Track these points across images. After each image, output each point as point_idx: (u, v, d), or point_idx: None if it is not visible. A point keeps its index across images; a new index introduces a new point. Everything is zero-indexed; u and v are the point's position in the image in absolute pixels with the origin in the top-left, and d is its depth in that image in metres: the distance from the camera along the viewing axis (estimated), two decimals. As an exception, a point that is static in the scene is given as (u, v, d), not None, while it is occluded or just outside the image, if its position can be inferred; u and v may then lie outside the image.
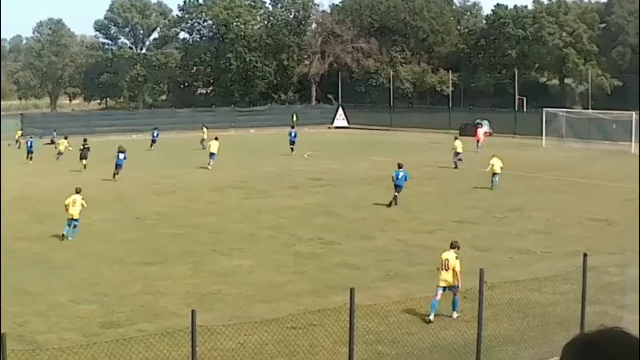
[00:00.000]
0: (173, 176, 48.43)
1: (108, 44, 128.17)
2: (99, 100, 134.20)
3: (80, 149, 54.31)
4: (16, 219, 33.70)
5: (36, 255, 27.20)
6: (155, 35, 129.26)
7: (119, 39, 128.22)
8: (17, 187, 43.23)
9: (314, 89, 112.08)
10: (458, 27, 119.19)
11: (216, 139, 56.53)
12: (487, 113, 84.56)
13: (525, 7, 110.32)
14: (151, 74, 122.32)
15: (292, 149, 62.16)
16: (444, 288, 19.63)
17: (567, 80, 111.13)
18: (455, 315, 19.73)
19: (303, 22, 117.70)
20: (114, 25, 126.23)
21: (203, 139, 66.37)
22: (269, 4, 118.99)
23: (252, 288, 22.77)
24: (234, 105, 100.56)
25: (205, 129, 68.47)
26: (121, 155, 47.40)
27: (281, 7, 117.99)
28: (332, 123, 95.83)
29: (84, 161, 53.45)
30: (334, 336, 16.90)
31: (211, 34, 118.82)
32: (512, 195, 40.41)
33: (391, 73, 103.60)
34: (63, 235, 30.02)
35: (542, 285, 20.57)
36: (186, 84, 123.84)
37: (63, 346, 16.50)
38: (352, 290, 14.53)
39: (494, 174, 43.12)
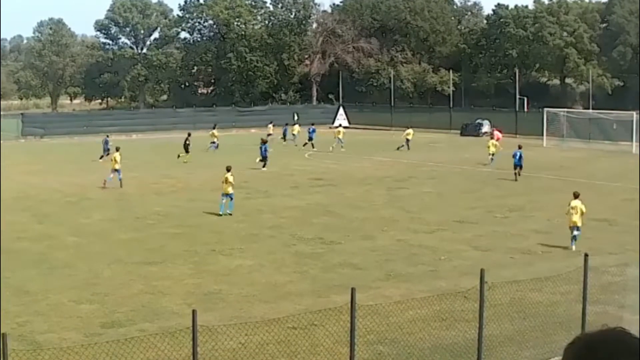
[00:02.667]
0: (174, 176, 48.41)
1: (109, 43, 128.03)
2: (99, 100, 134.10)
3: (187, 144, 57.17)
4: (17, 219, 33.71)
5: (37, 255, 27.19)
6: (156, 35, 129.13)
7: (120, 38, 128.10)
8: (17, 187, 43.24)
9: (314, 88, 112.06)
10: (459, 27, 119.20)
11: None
12: (488, 113, 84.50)
13: (526, 6, 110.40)
14: (152, 73, 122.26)
15: (312, 145, 64.96)
16: (572, 228, 27.46)
17: (567, 80, 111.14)
18: (573, 248, 26.91)
19: (304, 22, 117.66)
20: (115, 25, 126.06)
21: (269, 134, 67.61)
22: (270, 3, 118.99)
23: (253, 288, 22.78)
24: (234, 105, 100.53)
25: (271, 125, 71.29)
26: (264, 147, 51.99)
27: (282, 7, 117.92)
28: (332, 123, 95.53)
29: (186, 155, 56.09)
30: (335, 336, 16.90)
31: (212, 33, 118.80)
32: (512, 195, 40.43)
33: (392, 73, 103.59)
34: (220, 214, 34.44)
35: (543, 286, 20.56)
36: (187, 84, 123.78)
37: (64, 346, 16.49)
38: (353, 290, 14.52)
39: (491, 154, 53.33)
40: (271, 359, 16.93)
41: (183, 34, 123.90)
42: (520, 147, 48.19)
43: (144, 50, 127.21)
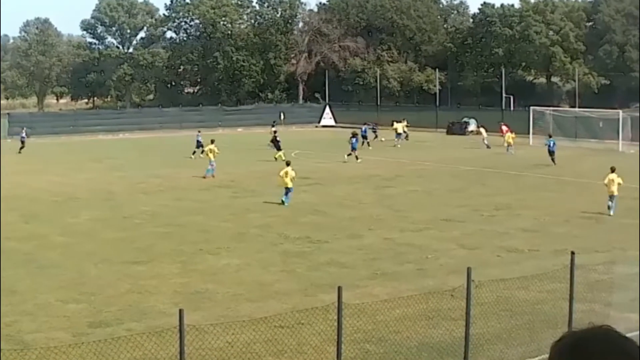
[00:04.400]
0: (161, 175, 48.34)
1: (95, 43, 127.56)
2: (86, 100, 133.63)
3: (277, 141, 58.43)
4: (5, 218, 33.55)
5: (25, 255, 27.11)
6: (142, 34, 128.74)
7: (106, 38, 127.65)
8: (5, 186, 43.03)
9: (301, 87, 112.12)
10: (445, 25, 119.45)
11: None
12: (474, 112, 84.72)
13: (512, 5, 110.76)
14: (138, 73, 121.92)
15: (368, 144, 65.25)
16: (611, 197, 32.75)
17: (554, 79, 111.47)
18: (612, 212, 32.51)
19: (290, 21, 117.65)
20: (101, 25, 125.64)
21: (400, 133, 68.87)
22: (256, 2, 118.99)
23: (240, 287, 22.76)
24: (221, 104, 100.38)
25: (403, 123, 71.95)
26: (354, 140, 55.77)
27: (268, 6, 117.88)
28: (319, 122, 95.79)
29: (280, 152, 56.52)
30: (322, 335, 16.90)
31: (198, 33, 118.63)
32: (499, 194, 40.50)
33: (378, 72, 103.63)
34: (283, 202, 37.09)
35: (529, 284, 20.61)
36: (173, 83, 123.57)
37: (51, 345, 16.44)
38: (339, 289, 14.54)
39: (511, 144, 60.85)
40: (258, 358, 16.93)
41: (169, 34, 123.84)
42: (550, 136, 54.36)
43: (130, 50, 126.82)
